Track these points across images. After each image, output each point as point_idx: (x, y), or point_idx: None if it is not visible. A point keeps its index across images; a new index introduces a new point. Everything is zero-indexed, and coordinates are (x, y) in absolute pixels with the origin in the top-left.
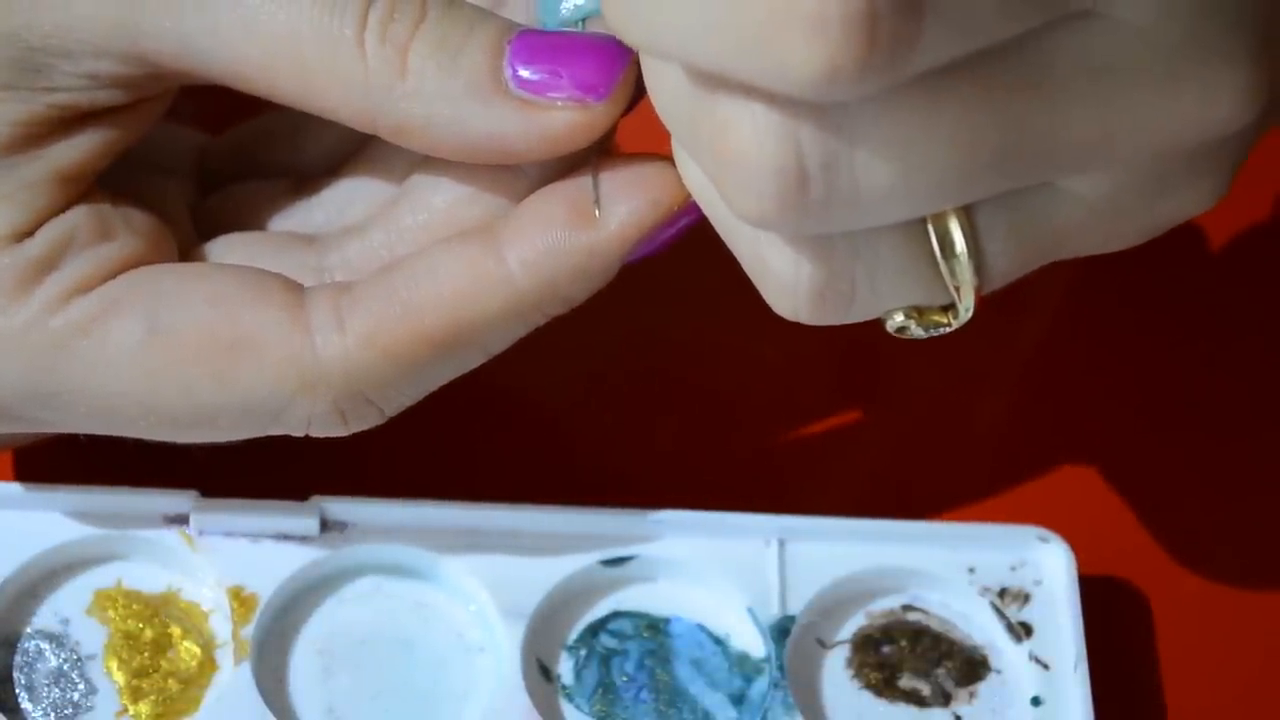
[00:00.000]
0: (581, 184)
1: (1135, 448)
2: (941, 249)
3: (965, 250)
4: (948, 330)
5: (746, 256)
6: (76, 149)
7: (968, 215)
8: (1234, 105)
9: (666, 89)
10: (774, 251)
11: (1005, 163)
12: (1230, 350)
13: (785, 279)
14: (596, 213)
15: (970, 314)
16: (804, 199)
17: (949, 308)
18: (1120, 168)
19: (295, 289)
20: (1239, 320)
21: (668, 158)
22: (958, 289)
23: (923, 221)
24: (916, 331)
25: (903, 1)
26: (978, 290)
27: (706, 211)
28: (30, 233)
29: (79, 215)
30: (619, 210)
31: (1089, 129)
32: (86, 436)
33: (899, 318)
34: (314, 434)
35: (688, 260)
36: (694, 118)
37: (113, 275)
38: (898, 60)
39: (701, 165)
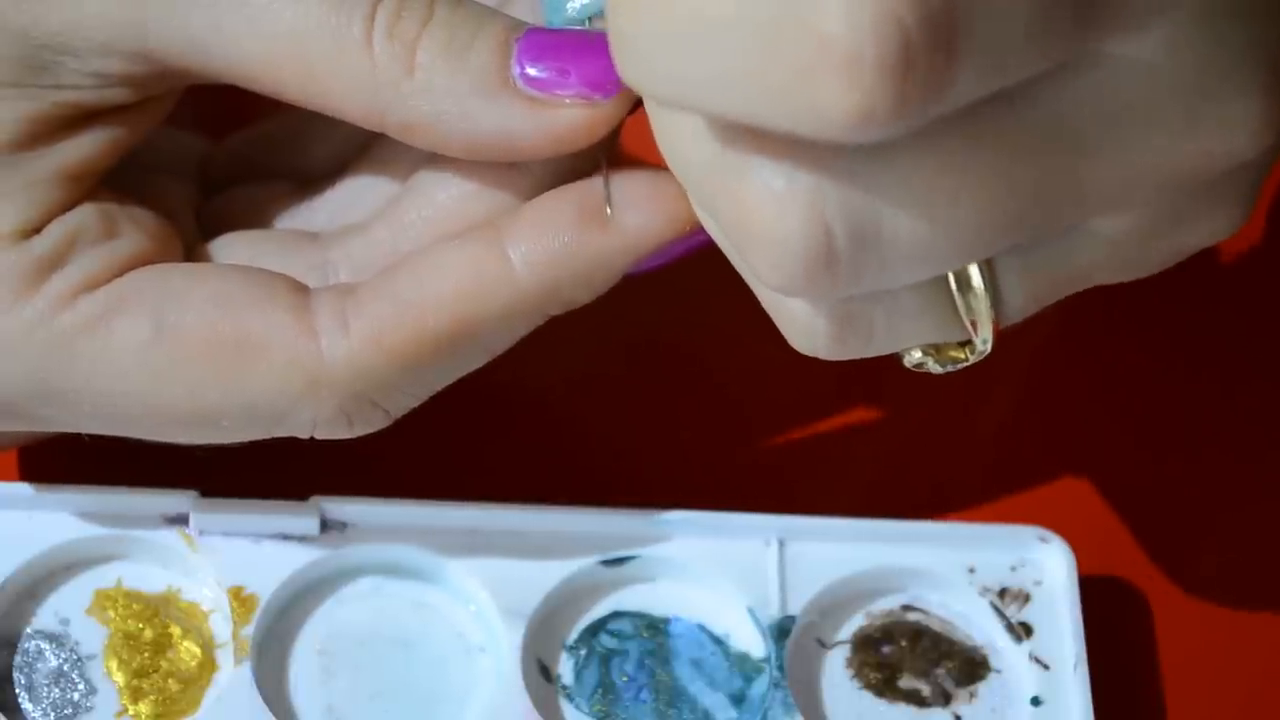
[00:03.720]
0: (591, 187)
1: (1135, 448)
2: (959, 286)
3: (982, 287)
4: (965, 365)
5: (764, 297)
6: (83, 147)
7: None
8: (1251, 134)
9: (682, 153)
10: (792, 299)
11: (1028, 215)
12: (1231, 353)
13: (804, 323)
14: (609, 211)
15: (988, 348)
16: (833, 274)
17: (966, 343)
18: (1140, 205)
19: (301, 290)
20: (1240, 323)
21: None
22: (974, 324)
23: None
24: (934, 367)
25: (937, 41)
26: (995, 325)
27: (722, 249)
28: (37, 230)
29: (85, 213)
30: (631, 220)
31: (1109, 174)
32: (89, 435)
33: (916, 354)
34: (319, 436)
35: (690, 259)
36: (713, 189)
37: (119, 273)
38: (931, 99)
39: (723, 233)
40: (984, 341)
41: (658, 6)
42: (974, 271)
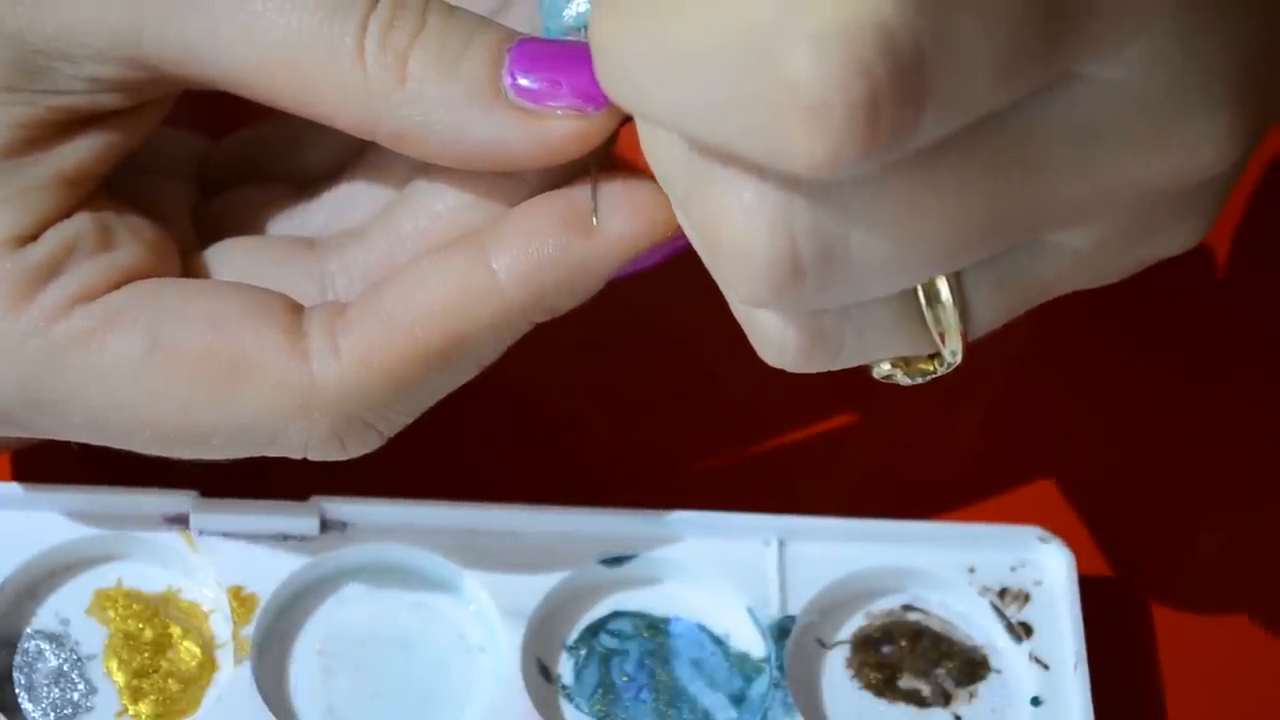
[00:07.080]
0: (573, 194)
1: (1135, 448)
2: (927, 299)
3: (950, 300)
4: (934, 377)
5: (735, 307)
6: (79, 152)
7: None
8: (1218, 151)
9: (661, 158)
10: (762, 311)
11: (995, 231)
12: (1231, 354)
13: (773, 335)
14: (594, 220)
15: (958, 360)
16: (798, 287)
17: (935, 355)
18: (1107, 219)
19: (296, 310)
20: (1240, 323)
21: None
22: (943, 336)
23: None
24: (903, 379)
25: (905, 93)
26: (964, 337)
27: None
28: (34, 237)
29: (83, 222)
30: (613, 226)
31: (1076, 190)
32: (78, 445)
33: (885, 367)
34: (312, 458)
35: (686, 259)
36: (687, 193)
37: (115, 285)
38: (898, 144)
39: (697, 240)
40: (953, 354)
41: (642, 31)
42: (942, 285)
